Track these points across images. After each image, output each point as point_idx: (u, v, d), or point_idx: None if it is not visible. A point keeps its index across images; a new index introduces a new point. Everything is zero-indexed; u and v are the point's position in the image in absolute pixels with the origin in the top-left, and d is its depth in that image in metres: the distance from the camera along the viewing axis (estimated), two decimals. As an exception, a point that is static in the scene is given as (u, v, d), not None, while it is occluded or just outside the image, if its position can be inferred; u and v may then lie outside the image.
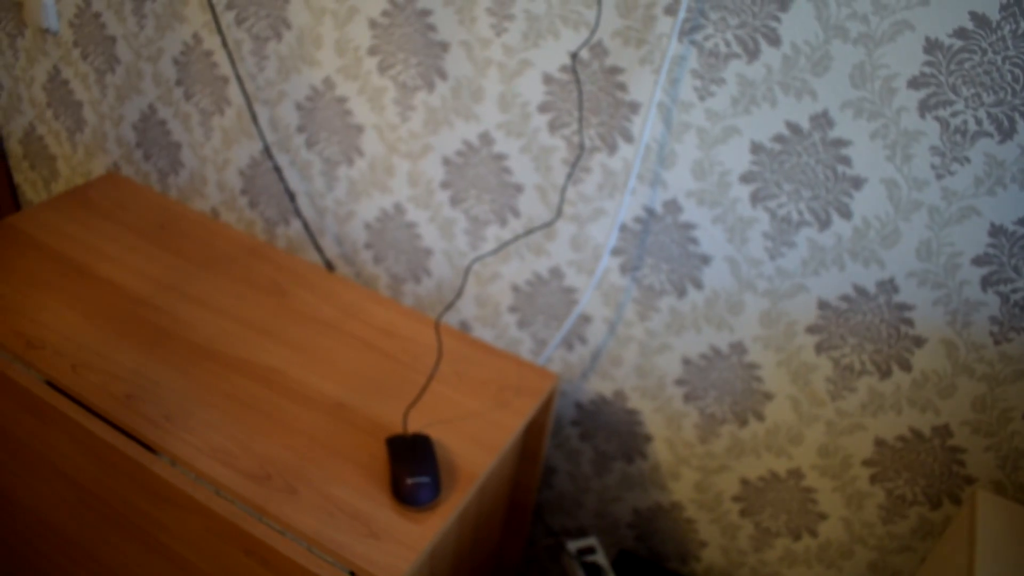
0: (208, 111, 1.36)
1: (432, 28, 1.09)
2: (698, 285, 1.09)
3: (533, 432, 1.13)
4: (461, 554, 1.04)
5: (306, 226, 1.34)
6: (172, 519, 0.92)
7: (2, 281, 1.10)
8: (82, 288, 1.11)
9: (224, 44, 1.25)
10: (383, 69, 1.16)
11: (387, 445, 0.93)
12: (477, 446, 0.96)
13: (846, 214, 0.96)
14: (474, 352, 1.11)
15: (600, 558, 1.24)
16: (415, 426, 0.98)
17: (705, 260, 1.07)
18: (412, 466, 0.88)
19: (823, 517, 1.17)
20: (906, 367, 1.01)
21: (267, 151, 1.31)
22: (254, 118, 1.28)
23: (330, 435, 0.95)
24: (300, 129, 1.28)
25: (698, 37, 0.95)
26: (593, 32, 0.98)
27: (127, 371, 0.99)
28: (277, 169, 1.32)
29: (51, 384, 0.98)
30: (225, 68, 1.30)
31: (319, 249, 1.34)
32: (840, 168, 0.94)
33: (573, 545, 1.25)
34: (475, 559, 1.13)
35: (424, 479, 0.87)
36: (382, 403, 1.00)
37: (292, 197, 1.33)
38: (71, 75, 1.50)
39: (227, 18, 1.25)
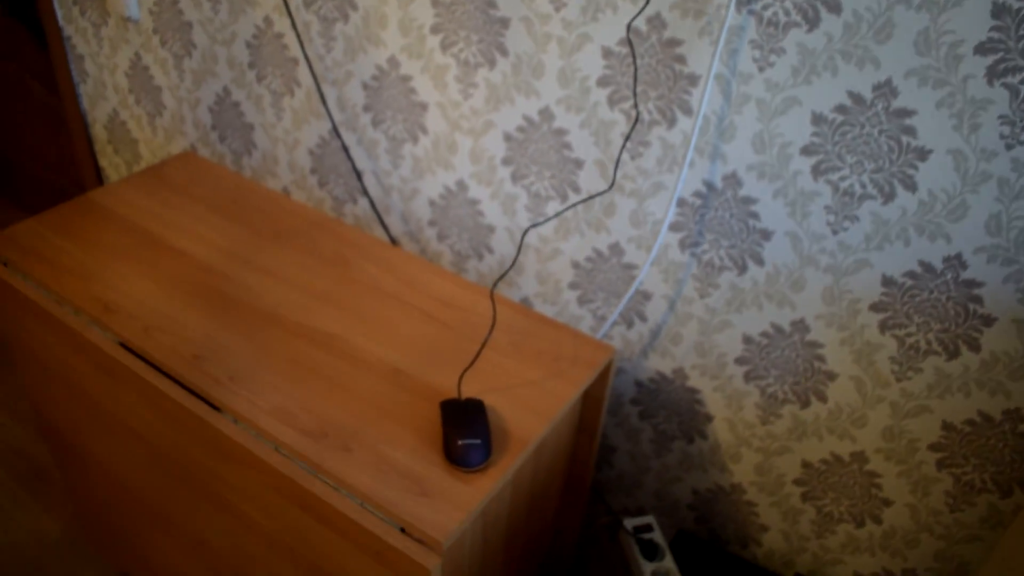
0: (279, 92, 1.41)
1: (492, 5, 1.11)
2: (759, 261, 1.08)
3: (590, 405, 1.13)
4: (515, 522, 1.05)
5: (372, 204, 1.37)
6: (235, 475, 0.96)
7: (84, 252, 1.16)
8: (157, 258, 1.16)
9: (293, 26, 1.29)
10: (445, 47, 1.18)
11: (440, 408, 0.95)
12: (530, 413, 0.97)
13: (911, 186, 0.93)
14: (531, 324, 1.12)
15: (657, 536, 1.23)
16: (469, 392, 1.00)
17: (766, 235, 1.06)
18: (464, 428, 0.90)
19: (887, 503, 1.14)
20: (975, 347, 0.98)
21: (335, 130, 1.34)
22: (322, 98, 1.32)
23: (386, 399, 0.97)
24: (366, 108, 1.32)
25: (756, 6, 0.93)
26: (647, 2, 0.98)
27: (196, 334, 1.03)
28: (345, 148, 1.35)
29: (124, 346, 1.04)
30: (295, 50, 1.34)
31: (385, 227, 1.37)
32: (904, 139, 0.91)
33: (630, 523, 1.25)
34: (531, 530, 1.14)
35: (475, 441, 0.89)
36: (438, 370, 1.02)
37: (359, 176, 1.36)
38: (151, 61, 1.57)
39: (296, 0, 1.29)
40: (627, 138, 1.07)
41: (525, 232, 1.12)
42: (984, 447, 1.03)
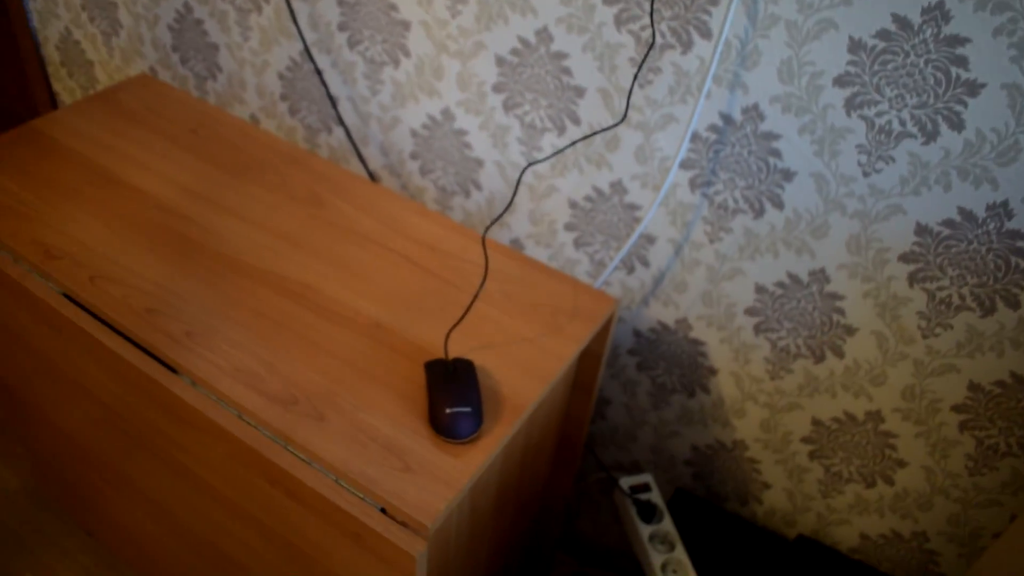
0: (245, 8, 1.26)
1: (485, -93, 0.97)
2: (778, 204, 0.97)
3: (588, 361, 1.04)
4: (506, 489, 0.97)
5: (348, 134, 1.24)
6: (193, 442, 0.86)
7: (24, 188, 1.03)
8: (107, 196, 1.03)
9: (259, -70, 1.15)
10: (431, -44, 1.04)
11: (425, 370, 0.85)
12: (525, 374, 0.88)
13: (957, 125, 0.83)
14: (526, 272, 1.01)
15: (655, 496, 1.16)
16: (458, 350, 0.90)
17: (787, 176, 0.95)
18: (452, 394, 0.80)
19: (902, 464, 1.07)
20: (1013, 304, 0.89)
21: (307, 52, 1.21)
22: (293, 15, 1.18)
23: (365, 358, 0.87)
24: (342, 27, 1.18)
25: (794, -89, 0.81)
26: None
27: (149, 284, 0.92)
28: (318, 72, 1.22)
29: (69, 297, 0.92)
30: (262, -42, 1.19)
31: (362, 159, 1.25)
32: (954, 71, 0.80)
33: (626, 482, 1.17)
34: (521, 494, 1.06)
35: (464, 409, 0.79)
36: (423, 324, 0.92)
37: (334, 102, 1.24)
38: (105, -31, 1.41)
39: (263, -100, 1.14)
40: (641, 64, 0.95)
41: (523, 171, 1.01)
42: (1013, 410, 0.95)
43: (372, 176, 1.28)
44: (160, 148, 1.11)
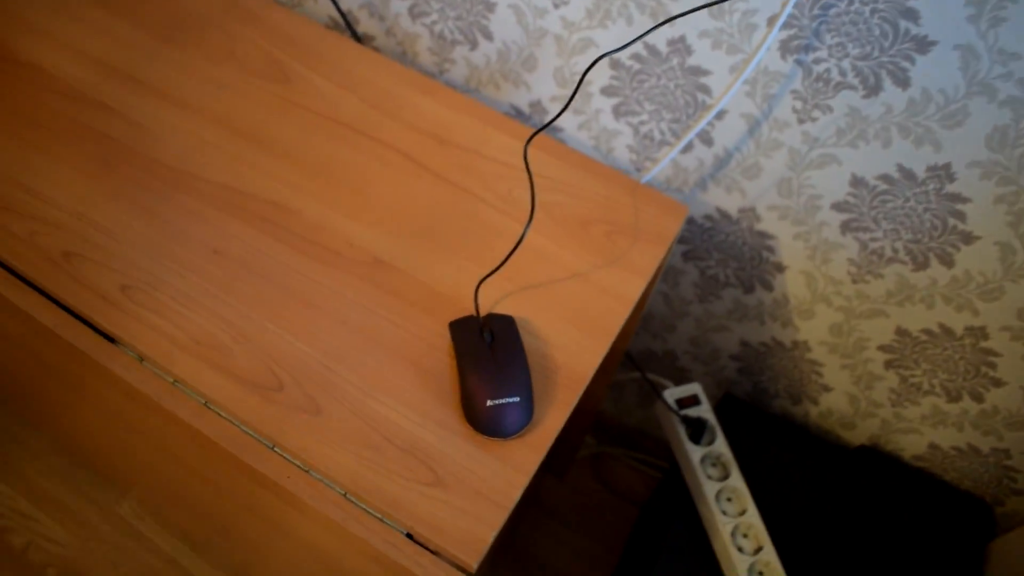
0: None
1: None
2: (901, 81, 0.73)
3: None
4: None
5: (315, -38, 0.94)
6: (154, 424, 0.66)
7: None
8: (-4, 74, 0.76)
9: None
10: None
11: (451, 333, 0.63)
12: (581, 328, 0.67)
13: None
14: (566, 171, 0.77)
15: (705, 411, 1.00)
16: (490, 299, 0.68)
17: (922, 45, 0.70)
18: (492, 377, 0.59)
19: (998, 383, 0.91)
20: None
21: None
22: None
23: (367, 314, 0.65)
24: None
25: None
26: None
27: (64, 213, 0.67)
28: None
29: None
30: None
31: (335, -3, 0.96)
32: None
33: (671, 394, 1.01)
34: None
35: (512, 399, 0.59)
36: (439, 258, 0.69)
37: (293, -83, 0.92)
38: None
39: None
40: None
41: (593, 63, 0.74)
42: None
43: (345, 17, 0.99)
44: (62, 5, 0.81)
